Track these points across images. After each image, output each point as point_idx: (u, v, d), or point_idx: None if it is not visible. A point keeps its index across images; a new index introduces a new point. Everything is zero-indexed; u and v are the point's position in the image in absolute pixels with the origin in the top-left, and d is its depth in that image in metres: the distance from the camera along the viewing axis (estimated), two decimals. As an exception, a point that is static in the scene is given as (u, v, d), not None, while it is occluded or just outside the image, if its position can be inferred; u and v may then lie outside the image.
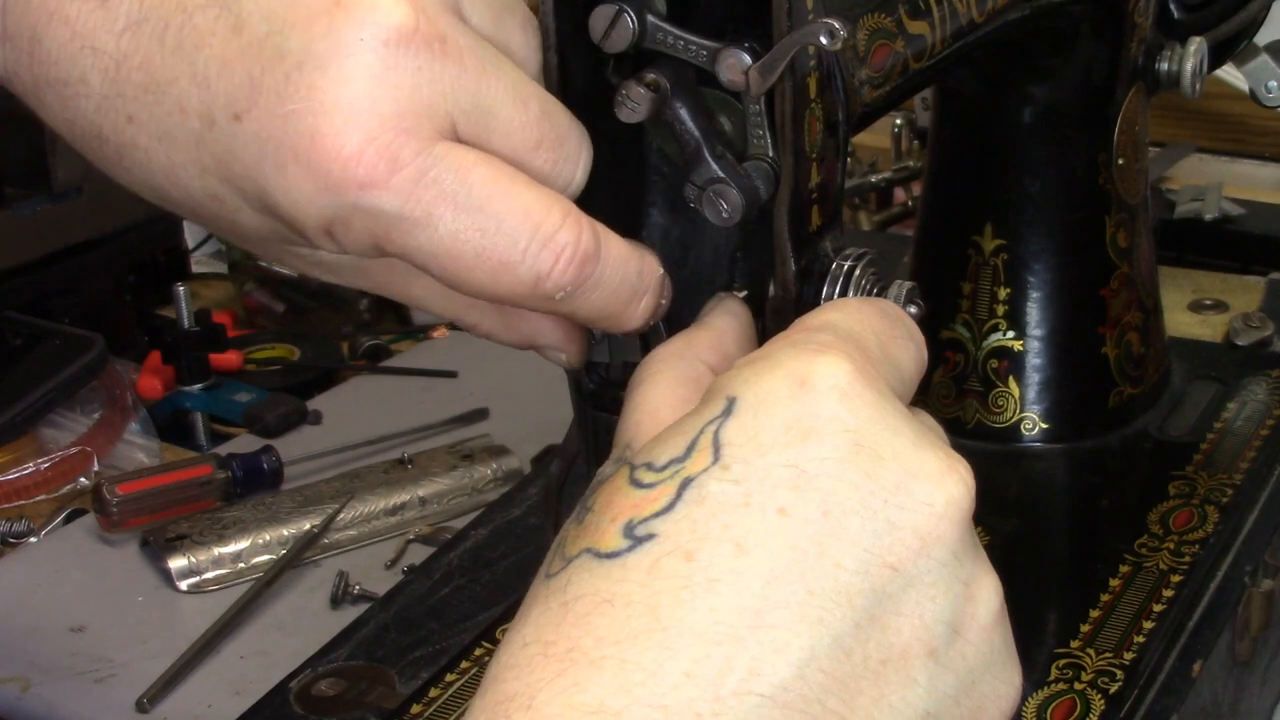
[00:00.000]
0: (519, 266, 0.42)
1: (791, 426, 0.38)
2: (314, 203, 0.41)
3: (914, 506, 0.37)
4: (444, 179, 0.41)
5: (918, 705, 0.37)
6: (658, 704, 0.34)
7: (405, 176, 0.40)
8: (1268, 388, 0.82)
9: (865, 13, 0.51)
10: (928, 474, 0.38)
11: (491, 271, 0.42)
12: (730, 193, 0.44)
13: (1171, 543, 0.69)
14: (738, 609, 0.36)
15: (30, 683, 0.79)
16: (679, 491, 0.37)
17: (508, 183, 0.42)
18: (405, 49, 0.40)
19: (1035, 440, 0.77)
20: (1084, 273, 0.77)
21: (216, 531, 0.88)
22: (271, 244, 0.46)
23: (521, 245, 0.41)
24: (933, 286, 0.76)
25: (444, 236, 0.41)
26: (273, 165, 0.41)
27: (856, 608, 0.36)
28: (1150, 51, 0.76)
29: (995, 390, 0.77)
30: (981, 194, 0.77)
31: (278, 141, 0.41)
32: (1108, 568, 0.68)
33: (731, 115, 0.46)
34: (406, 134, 0.40)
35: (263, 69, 0.40)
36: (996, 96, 0.75)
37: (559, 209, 0.42)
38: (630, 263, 0.44)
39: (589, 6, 0.45)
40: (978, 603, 0.39)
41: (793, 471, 0.37)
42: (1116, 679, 0.61)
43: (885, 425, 0.38)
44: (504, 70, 0.42)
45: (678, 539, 0.37)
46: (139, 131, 0.43)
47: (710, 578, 0.36)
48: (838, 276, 0.47)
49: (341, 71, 0.40)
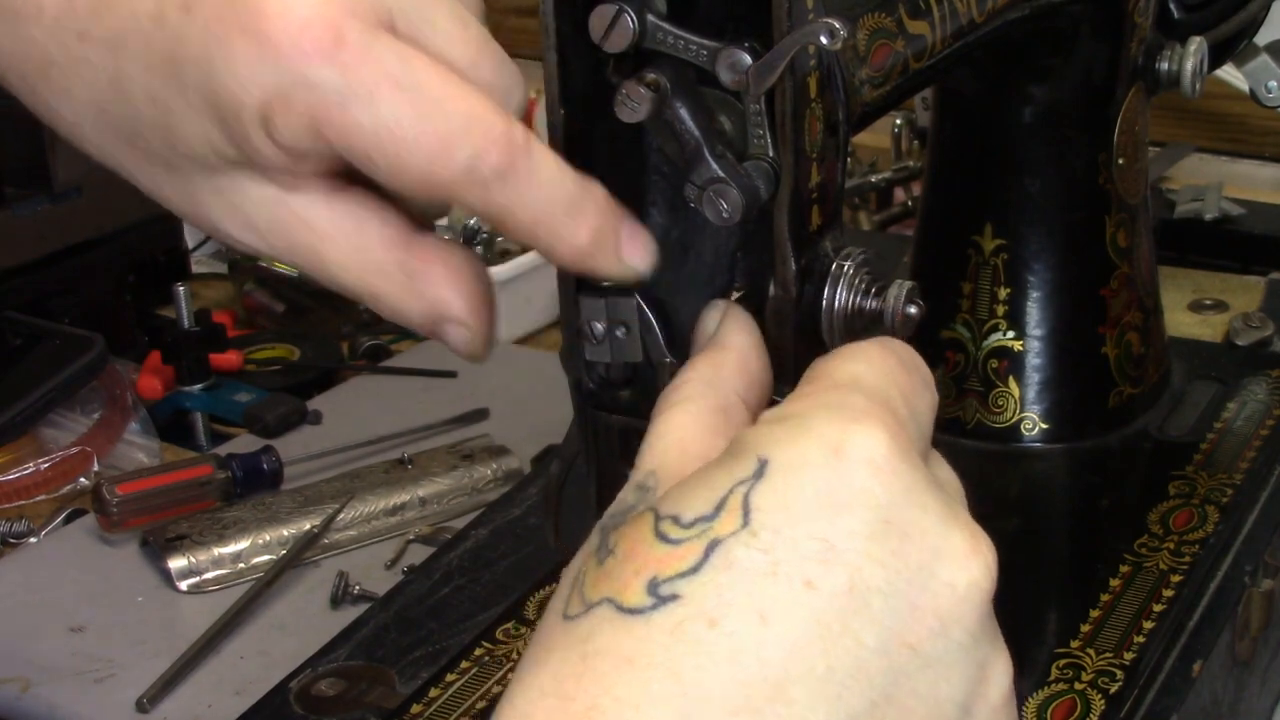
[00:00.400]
0: (456, 147, 0.41)
1: (823, 497, 0.37)
2: (257, 79, 0.41)
3: (936, 588, 0.38)
4: (387, 59, 0.41)
5: None
6: None
7: (351, 52, 0.41)
8: (1268, 388, 0.82)
9: (865, 12, 0.51)
10: (952, 554, 0.38)
11: (429, 152, 0.41)
12: (730, 192, 0.44)
13: (1171, 543, 0.69)
14: (759, 680, 0.35)
15: (30, 683, 0.79)
16: (706, 553, 0.37)
17: (447, 74, 0.42)
18: None
19: (1035, 440, 0.77)
20: (1084, 273, 0.77)
21: (216, 531, 0.88)
22: (197, 175, 0.45)
23: (459, 125, 0.41)
24: (933, 286, 0.76)
25: (384, 115, 0.41)
26: (218, 44, 0.41)
27: (874, 686, 0.36)
28: (1150, 51, 0.76)
29: (995, 390, 0.77)
30: (981, 194, 0.77)
31: (226, 22, 0.41)
32: (1108, 568, 0.68)
33: (732, 115, 0.46)
34: (352, 15, 0.41)
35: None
36: (996, 96, 0.75)
37: (494, 104, 0.42)
38: (567, 173, 0.44)
39: (589, 6, 0.45)
40: (990, 684, 0.39)
41: (821, 545, 0.37)
42: (1117, 679, 0.61)
43: (915, 501, 0.38)
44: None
45: (702, 603, 0.36)
46: (90, 47, 0.44)
47: (733, 646, 0.36)
48: (838, 276, 0.47)
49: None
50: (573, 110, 0.46)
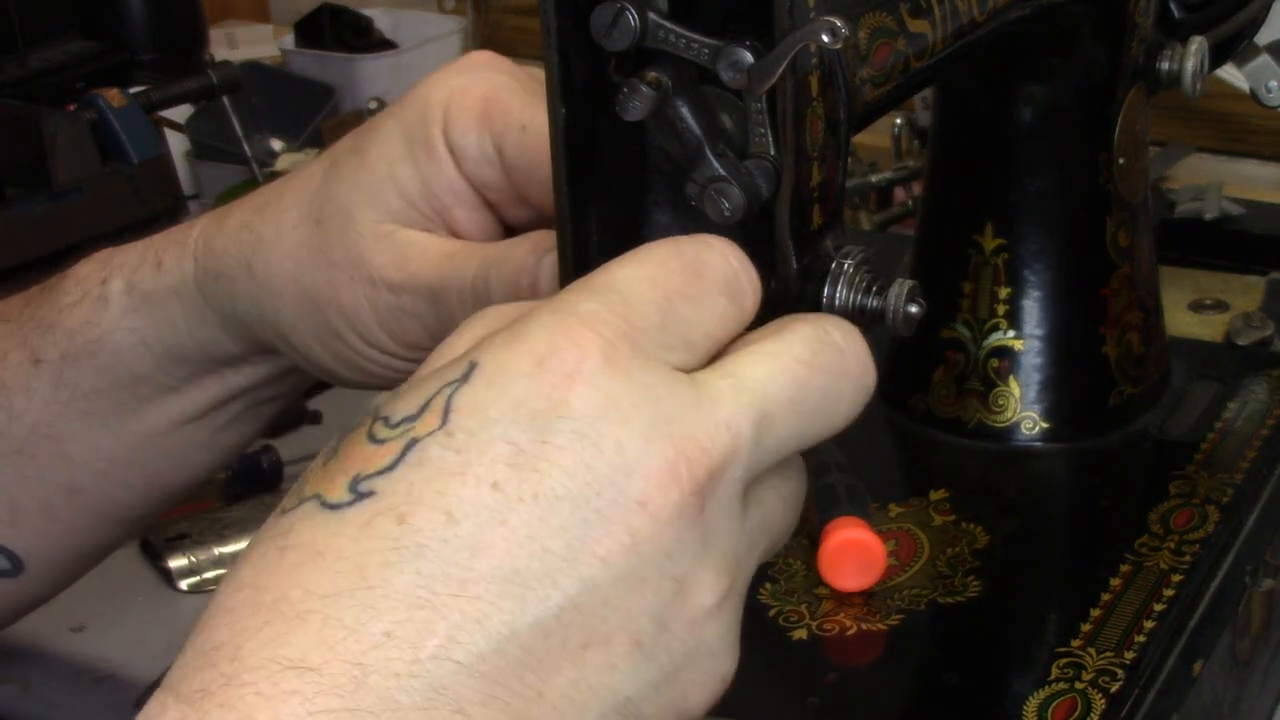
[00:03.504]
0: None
1: (520, 405, 0.38)
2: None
3: (627, 503, 0.38)
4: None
5: (618, 690, 0.38)
6: (356, 661, 0.35)
7: None
8: (1268, 387, 0.82)
9: (866, 11, 0.51)
10: (646, 473, 0.38)
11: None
12: (732, 191, 0.44)
13: (1172, 542, 0.69)
14: (443, 577, 0.36)
15: (30, 683, 0.79)
16: (403, 452, 0.38)
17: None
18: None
19: (1035, 440, 0.77)
20: (1084, 272, 0.77)
21: (216, 531, 0.88)
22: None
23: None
24: (933, 286, 0.76)
25: None
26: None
27: (562, 592, 0.37)
28: (1151, 51, 0.76)
29: (995, 390, 0.77)
30: (982, 194, 0.77)
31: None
32: (1108, 567, 0.68)
33: (733, 113, 0.46)
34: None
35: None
36: (997, 96, 0.75)
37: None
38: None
39: (590, 4, 0.45)
40: (690, 599, 0.39)
41: (512, 449, 0.37)
42: (1117, 678, 0.61)
43: (616, 416, 0.38)
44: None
45: (394, 499, 0.37)
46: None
47: (418, 542, 0.36)
48: (838, 275, 0.47)
49: None
50: (574, 109, 0.46)
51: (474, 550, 0.36)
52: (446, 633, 0.36)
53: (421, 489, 0.37)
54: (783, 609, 0.67)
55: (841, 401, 0.43)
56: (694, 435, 0.39)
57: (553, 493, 0.37)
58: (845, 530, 0.67)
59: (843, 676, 0.64)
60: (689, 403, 0.39)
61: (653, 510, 0.38)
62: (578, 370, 0.38)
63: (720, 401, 0.40)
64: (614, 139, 0.47)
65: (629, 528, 0.38)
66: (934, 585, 0.67)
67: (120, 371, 0.60)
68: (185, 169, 1.40)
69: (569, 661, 0.37)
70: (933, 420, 0.79)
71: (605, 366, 0.38)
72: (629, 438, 0.38)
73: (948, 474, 0.76)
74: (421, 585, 0.36)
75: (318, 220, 0.56)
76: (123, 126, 1.11)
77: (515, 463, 0.37)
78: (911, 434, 0.80)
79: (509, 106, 0.54)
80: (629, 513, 0.38)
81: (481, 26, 1.77)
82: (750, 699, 0.62)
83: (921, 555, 0.70)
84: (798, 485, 0.44)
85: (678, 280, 0.41)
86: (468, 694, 0.36)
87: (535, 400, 0.38)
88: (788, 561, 0.69)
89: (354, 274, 0.55)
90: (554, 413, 0.38)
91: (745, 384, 0.40)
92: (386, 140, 0.55)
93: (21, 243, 1.13)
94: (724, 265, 0.42)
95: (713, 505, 0.39)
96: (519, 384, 0.38)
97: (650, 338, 0.40)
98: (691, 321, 0.41)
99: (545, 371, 0.38)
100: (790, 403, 0.41)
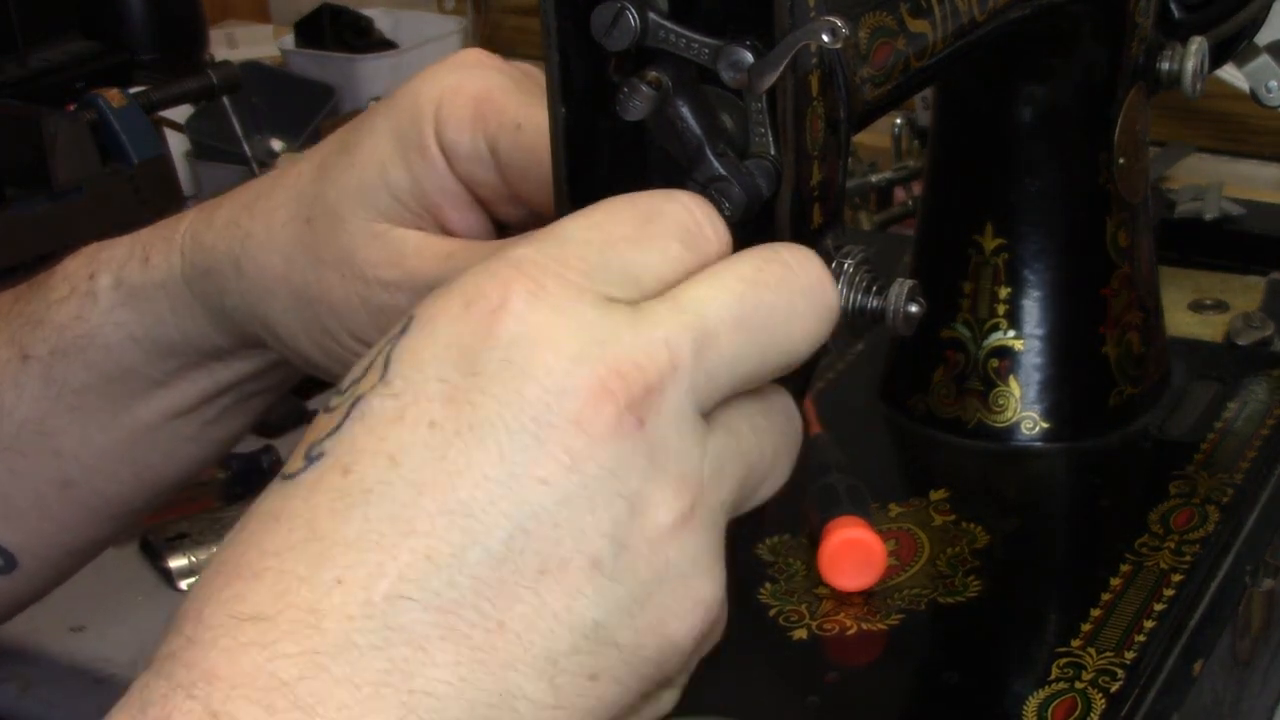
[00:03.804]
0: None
1: (451, 345, 0.38)
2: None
3: (561, 424, 0.38)
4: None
5: (584, 614, 0.38)
6: (310, 609, 0.36)
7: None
8: (1268, 387, 0.82)
9: (867, 11, 0.51)
10: (577, 392, 0.38)
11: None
12: (732, 190, 0.44)
13: (1172, 542, 0.69)
14: (389, 518, 0.37)
15: (30, 683, 0.79)
16: (349, 410, 0.39)
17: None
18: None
19: (1035, 440, 0.77)
20: (1084, 272, 0.77)
21: (216, 531, 0.88)
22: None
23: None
24: (933, 286, 0.76)
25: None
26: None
27: (507, 516, 0.37)
28: (1151, 51, 0.76)
29: (996, 390, 0.77)
30: (982, 194, 0.77)
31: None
32: (1108, 567, 0.68)
33: (733, 113, 0.46)
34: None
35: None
36: (997, 96, 0.75)
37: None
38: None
39: (590, 4, 0.45)
40: (645, 517, 0.39)
41: (445, 387, 0.38)
42: (1117, 678, 0.61)
43: (542, 342, 0.38)
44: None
45: (339, 456, 0.38)
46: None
47: (363, 489, 0.37)
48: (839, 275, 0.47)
49: None
50: (574, 108, 0.46)
51: (418, 488, 0.37)
52: (397, 572, 0.36)
53: (364, 439, 0.38)
54: (783, 609, 0.67)
55: (795, 319, 0.42)
56: (627, 354, 0.38)
57: (487, 421, 0.37)
58: (845, 530, 0.67)
59: (843, 676, 0.64)
60: (622, 325, 0.39)
61: (588, 428, 0.38)
62: (503, 305, 0.38)
63: (657, 321, 0.39)
64: (614, 139, 0.47)
65: (566, 447, 0.38)
66: (934, 585, 0.68)
67: (109, 366, 0.60)
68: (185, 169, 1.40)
69: (526, 589, 0.37)
70: (933, 420, 0.79)
71: (531, 300, 0.39)
72: (558, 360, 0.38)
73: (948, 474, 0.76)
74: (369, 529, 0.37)
75: (308, 219, 0.56)
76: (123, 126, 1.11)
77: (450, 398, 0.38)
78: (911, 434, 0.80)
79: (503, 105, 0.54)
80: (564, 433, 0.38)
81: (481, 26, 1.77)
82: (750, 699, 0.63)
83: (921, 555, 0.70)
84: (782, 422, 0.44)
85: (625, 226, 0.41)
86: (424, 629, 0.36)
87: (463, 338, 0.38)
88: (788, 561, 0.69)
89: (345, 272, 0.55)
90: (482, 345, 0.38)
91: (684, 304, 0.40)
92: (377, 139, 0.55)
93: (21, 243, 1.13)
94: (683, 214, 0.42)
95: (655, 422, 0.39)
96: (449, 326, 0.39)
97: (584, 275, 0.40)
98: (636, 261, 0.41)
99: (472, 310, 0.39)
100: (735, 319, 0.40)
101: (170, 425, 0.62)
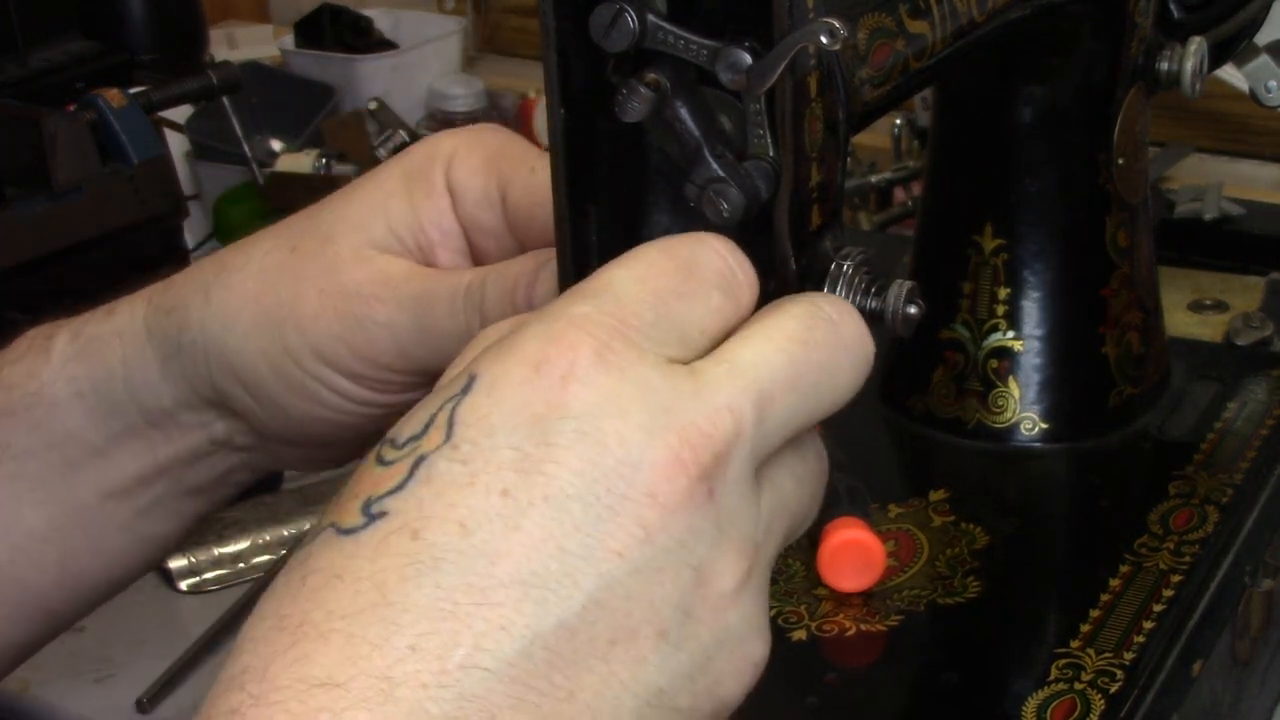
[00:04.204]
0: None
1: (520, 410, 0.38)
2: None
3: (636, 496, 0.38)
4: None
5: (649, 683, 0.38)
6: (383, 675, 0.35)
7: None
8: (1268, 388, 0.82)
9: (866, 12, 0.51)
10: (651, 464, 0.38)
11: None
12: (731, 192, 0.44)
13: (1171, 543, 0.69)
14: (462, 587, 0.37)
15: (30, 683, 0.79)
16: (411, 470, 0.38)
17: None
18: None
19: (1035, 440, 0.77)
20: (1084, 272, 0.77)
21: (216, 531, 0.88)
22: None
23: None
24: (933, 286, 0.76)
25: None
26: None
27: (582, 589, 0.37)
28: (1150, 51, 0.76)
29: (995, 390, 0.77)
30: (981, 194, 0.77)
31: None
32: (1108, 568, 0.68)
33: (732, 114, 0.46)
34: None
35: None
36: (996, 96, 0.75)
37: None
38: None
39: (589, 5, 0.45)
40: (710, 585, 0.39)
41: (517, 454, 0.38)
42: (1117, 679, 0.61)
43: (613, 412, 0.38)
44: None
45: (405, 517, 0.38)
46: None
47: (435, 556, 0.37)
48: (837, 276, 0.47)
49: None
50: (573, 110, 0.46)
51: (491, 558, 0.37)
52: (472, 641, 0.36)
53: (432, 503, 0.38)
54: (782, 609, 0.67)
55: (840, 374, 0.43)
56: (695, 422, 0.39)
57: (562, 493, 0.38)
58: (845, 530, 0.67)
59: (842, 677, 0.64)
60: (687, 391, 0.39)
61: (662, 500, 0.38)
62: (572, 371, 0.39)
63: (718, 387, 0.40)
64: (613, 140, 0.47)
65: (641, 520, 0.38)
66: (933, 586, 0.68)
67: (53, 427, 0.59)
68: (185, 169, 1.40)
69: (597, 659, 0.37)
70: (932, 421, 0.79)
71: (599, 365, 0.39)
72: (630, 431, 0.38)
73: (947, 474, 0.76)
74: (442, 597, 0.36)
75: (293, 247, 0.56)
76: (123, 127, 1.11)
77: (522, 468, 0.38)
78: (911, 434, 0.80)
79: (517, 155, 0.56)
80: (639, 505, 0.38)
81: (481, 26, 1.77)
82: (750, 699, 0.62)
83: (921, 556, 0.70)
84: (816, 466, 0.45)
85: (670, 278, 0.41)
86: (498, 699, 0.36)
87: (535, 404, 0.38)
88: (787, 562, 0.69)
89: (325, 286, 0.55)
90: (554, 414, 0.38)
91: (741, 367, 0.41)
92: (385, 177, 0.56)
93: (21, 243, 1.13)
94: (718, 261, 0.43)
95: (722, 489, 0.39)
96: (517, 391, 0.39)
97: (644, 334, 0.40)
98: (685, 317, 0.41)
99: (541, 376, 0.39)
100: (788, 380, 0.41)
101: (104, 507, 0.59)
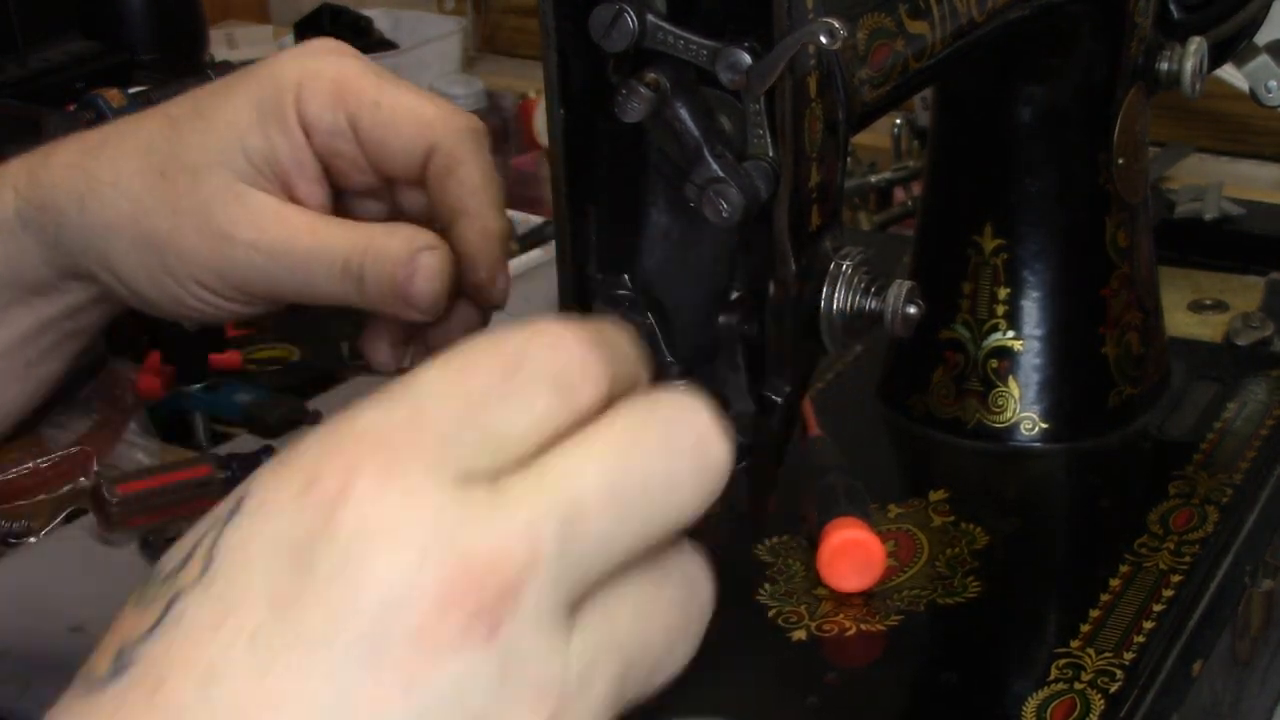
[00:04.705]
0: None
1: (281, 537, 0.33)
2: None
3: (398, 639, 0.32)
4: None
5: None
6: None
7: None
8: (1268, 388, 0.82)
9: (865, 12, 0.51)
10: (420, 600, 0.32)
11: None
12: (730, 192, 0.44)
13: (1171, 543, 0.69)
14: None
15: (30, 683, 0.79)
16: (165, 609, 0.34)
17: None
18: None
19: (1035, 440, 0.77)
20: (1084, 273, 0.77)
21: (216, 531, 0.88)
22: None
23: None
24: (932, 286, 0.76)
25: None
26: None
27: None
28: (1150, 51, 0.76)
29: (995, 390, 0.77)
30: (981, 194, 0.77)
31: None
32: (1108, 567, 0.68)
33: (732, 115, 0.46)
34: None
35: None
36: (996, 96, 0.75)
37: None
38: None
39: (589, 6, 0.45)
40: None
41: (272, 590, 0.33)
42: (1117, 679, 0.61)
43: (383, 542, 0.33)
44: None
45: (150, 666, 0.33)
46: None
47: (176, 708, 0.32)
48: (837, 276, 0.48)
49: None
50: (573, 110, 0.46)
51: (236, 713, 0.32)
52: None
53: (179, 649, 0.33)
54: (782, 609, 0.67)
55: (678, 485, 0.36)
56: (478, 551, 0.33)
57: (316, 635, 0.32)
58: (844, 531, 0.67)
59: (842, 677, 0.64)
60: (479, 514, 0.33)
61: (431, 643, 0.32)
62: (344, 492, 0.33)
63: (519, 504, 0.34)
64: (613, 140, 0.47)
65: (402, 667, 0.32)
66: (933, 586, 0.68)
67: None
68: (185, 169, 1.40)
69: None
70: (932, 421, 0.79)
71: (377, 485, 0.33)
72: (400, 563, 0.32)
73: (947, 474, 0.76)
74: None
75: (161, 172, 0.59)
76: (123, 126, 1.11)
77: (277, 604, 0.33)
78: (911, 434, 0.80)
79: (360, 86, 0.58)
80: (402, 650, 0.32)
81: (481, 26, 1.77)
82: (749, 699, 0.63)
83: (921, 556, 0.70)
84: (676, 594, 0.37)
85: (486, 378, 0.35)
86: None
87: (297, 529, 0.33)
88: (787, 562, 0.69)
89: (203, 226, 0.58)
90: (317, 540, 0.33)
91: (549, 480, 0.34)
92: (236, 107, 0.59)
93: (21, 243, 1.12)
94: (552, 356, 0.36)
95: (510, 627, 0.33)
96: (283, 514, 0.33)
97: (442, 447, 0.34)
98: (500, 423, 0.35)
99: (310, 496, 0.33)
100: (606, 495, 0.35)
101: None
